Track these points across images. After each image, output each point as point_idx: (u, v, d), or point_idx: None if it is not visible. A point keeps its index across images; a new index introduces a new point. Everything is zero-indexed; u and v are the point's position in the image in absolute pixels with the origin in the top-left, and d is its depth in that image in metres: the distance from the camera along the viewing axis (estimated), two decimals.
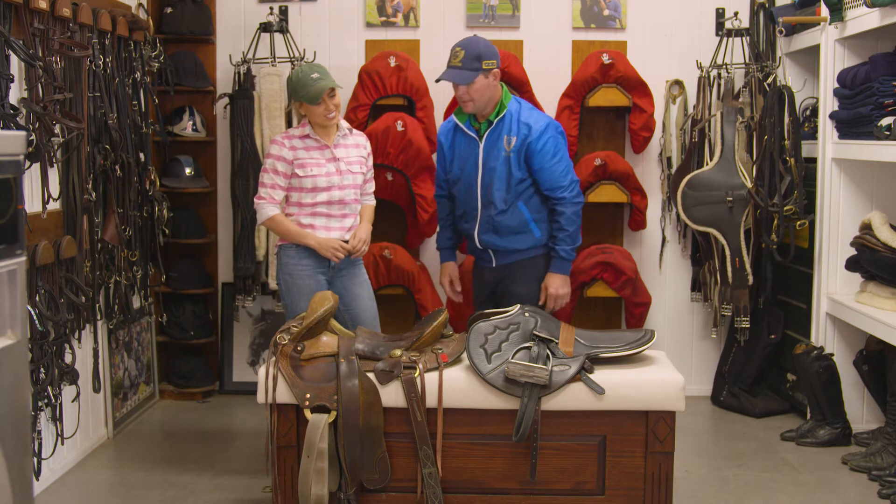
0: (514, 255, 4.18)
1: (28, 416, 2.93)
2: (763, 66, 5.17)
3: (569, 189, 4.09)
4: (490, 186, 4.10)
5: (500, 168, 4.08)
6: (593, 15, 5.55)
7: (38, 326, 3.74)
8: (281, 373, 3.41)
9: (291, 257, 4.08)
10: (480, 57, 4.00)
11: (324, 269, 4.10)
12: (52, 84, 3.88)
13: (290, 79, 4.08)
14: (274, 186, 4.05)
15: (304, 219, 4.07)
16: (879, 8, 4.26)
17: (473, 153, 4.15)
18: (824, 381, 4.68)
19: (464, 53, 4.02)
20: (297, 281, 4.07)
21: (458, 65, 4.02)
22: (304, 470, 3.33)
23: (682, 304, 5.67)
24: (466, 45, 4.05)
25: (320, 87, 3.97)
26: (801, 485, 4.24)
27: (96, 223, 4.41)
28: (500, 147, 4.08)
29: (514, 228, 4.14)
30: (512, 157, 4.06)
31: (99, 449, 4.68)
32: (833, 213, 4.89)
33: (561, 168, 4.09)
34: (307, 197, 4.05)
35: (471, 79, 4.00)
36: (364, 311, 4.19)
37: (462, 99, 4.08)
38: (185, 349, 5.63)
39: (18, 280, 2.84)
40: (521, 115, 4.10)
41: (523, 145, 4.06)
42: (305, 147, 4.06)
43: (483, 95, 4.04)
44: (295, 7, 5.57)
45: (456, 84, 4.06)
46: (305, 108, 4.05)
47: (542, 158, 4.06)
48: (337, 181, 4.06)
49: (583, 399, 3.39)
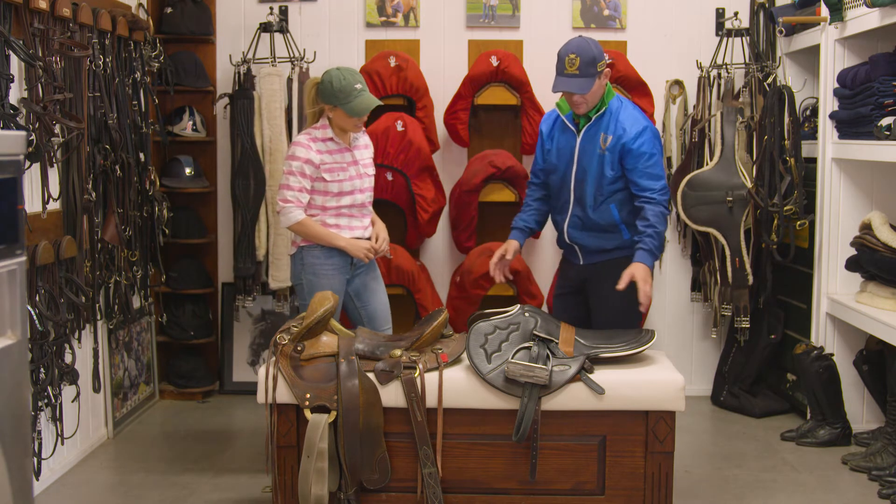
0: (600, 254, 4.07)
1: (28, 416, 2.93)
2: (763, 66, 5.17)
3: (659, 192, 3.95)
4: (583, 182, 4.01)
5: (594, 165, 3.98)
6: (593, 15, 5.55)
7: (38, 326, 3.74)
8: (281, 373, 3.41)
9: (317, 257, 4.08)
10: (595, 60, 3.84)
11: (347, 268, 4.14)
12: (52, 84, 3.88)
13: (327, 81, 3.97)
14: (301, 190, 4.01)
15: (328, 220, 4.09)
16: (879, 8, 4.26)
17: (570, 146, 4.05)
18: (824, 381, 4.68)
19: (580, 60, 3.83)
20: (322, 280, 4.08)
21: (575, 72, 3.84)
22: (304, 470, 3.33)
23: (682, 304, 5.67)
24: (580, 50, 3.85)
25: (367, 102, 3.96)
26: (800, 485, 4.24)
27: (96, 223, 4.41)
28: (597, 144, 3.97)
29: (603, 227, 4.03)
30: (606, 155, 3.95)
31: (99, 449, 4.68)
32: (833, 213, 4.88)
33: (653, 171, 3.96)
34: (332, 201, 4.06)
35: (590, 87, 3.86)
36: (380, 305, 4.25)
37: (575, 102, 3.93)
38: (185, 349, 5.63)
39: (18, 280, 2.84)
40: (619, 114, 3.98)
41: (618, 145, 3.94)
42: (329, 150, 4.06)
43: (596, 97, 3.93)
44: (295, 7, 5.57)
45: (568, 91, 3.90)
46: (338, 114, 4.00)
47: (635, 159, 3.93)
48: (358, 185, 4.11)
49: (583, 399, 3.39)
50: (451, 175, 5.54)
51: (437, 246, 5.69)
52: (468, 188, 5.23)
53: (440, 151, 5.50)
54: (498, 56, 5.25)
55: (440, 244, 5.68)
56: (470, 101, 5.30)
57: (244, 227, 5.24)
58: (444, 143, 5.50)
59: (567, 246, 4.16)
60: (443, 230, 5.61)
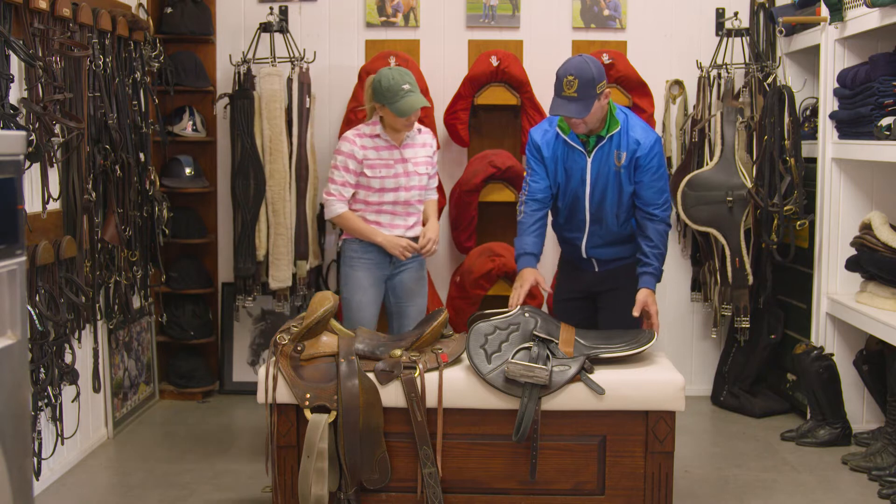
0: (618, 261, 4.05)
1: (28, 416, 2.93)
2: (763, 66, 5.17)
3: (662, 207, 3.92)
4: (602, 203, 3.92)
5: (612, 184, 3.89)
6: (593, 15, 5.55)
7: (38, 326, 3.74)
8: (281, 373, 3.41)
9: (356, 251, 4.18)
10: (594, 82, 3.68)
11: (385, 265, 4.19)
12: (52, 84, 3.88)
13: (377, 81, 4.02)
14: (344, 184, 4.12)
15: (369, 216, 4.15)
16: (879, 8, 4.26)
17: (579, 167, 3.92)
18: (824, 381, 4.68)
19: (578, 82, 3.67)
20: (357, 272, 4.16)
21: (573, 95, 3.69)
22: (304, 470, 3.33)
23: (682, 304, 5.67)
24: (578, 71, 3.69)
25: (413, 103, 3.99)
26: (800, 485, 4.24)
27: (96, 223, 4.41)
28: (611, 163, 3.88)
29: (624, 238, 4.01)
30: (623, 172, 3.89)
31: (99, 449, 4.68)
32: (833, 213, 4.88)
33: (660, 185, 3.93)
34: (374, 196, 4.13)
35: (588, 110, 3.71)
36: (416, 309, 4.29)
37: (573, 123, 3.80)
38: (185, 349, 5.63)
39: (18, 280, 2.84)
40: (629, 129, 3.90)
41: (633, 159, 3.88)
42: (375, 147, 4.11)
43: (596, 118, 3.81)
44: (295, 7, 5.57)
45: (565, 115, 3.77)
46: (387, 113, 4.05)
47: (644, 172, 3.89)
48: (404, 182, 4.14)
49: (583, 399, 3.39)
50: (451, 175, 5.54)
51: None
52: (468, 188, 5.23)
53: (440, 151, 5.43)
54: (498, 56, 5.25)
55: (440, 244, 5.65)
56: (470, 101, 5.30)
57: (244, 227, 5.23)
58: (444, 143, 5.50)
59: (582, 259, 4.09)
60: (443, 230, 5.59)
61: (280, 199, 5.17)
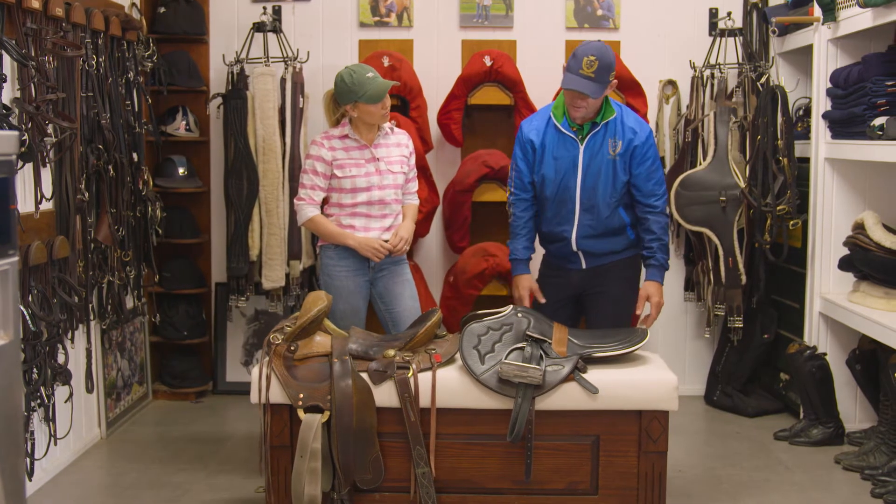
0: (606, 256, 4.04)
1: (21, 417, 2.93)
2: (756, 66, 5.18)
3: (661, 198, 3.97)
4: (594, 190, 3.93)
5: (606, 172, 3.91)
6: (586, 15, 5.55)
7: (31, 327, 3.72)
8: (274, 373, 3.41)
9: (331, 258, 4.10)
10: (611, 68, 3.76)
11: (364, 270, 4.11)
12: (45, 84, 3.87)
13: (339, 82, 3.99)
14: (314, 187, 4.06)
15: (344, 219, 4.08)
16: (872, 8, 4.27)
17: (571, 155, 3.94)
18: (817, 380, 4.69)
19: (598, 64, 3.73)
20: (336, 282, 4.09)
21: (591, 76, 3.73)
22: (297, 470, 3.33)
23: (676, 304, 5.67)
24: (600, 54, 3.75)
25: (382, 85, 3.97)
26: (794, 484, 4.24)
27: (89, 223, 4.40)
28: (605, 151, 3.90)
29: (614, 230, 4.00)
30: (618, 160, 3.91)
31: (92, 449, 4.67)
32: (826, 213, 4.89)
33: (658, 175, 3.97)
34: (347, 198, 4.06)
35: (601, 93, 3.78)
36: (405, 310, 4.18)
37: (576, 105, 3.83)
38: (179, 349, 5.62)
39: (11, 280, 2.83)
40: (624, 119, 3.94)
41: (629, 149, 3.91)
42: (345, 147, 4.07)
43: (597, 105, 3.87)
44: (288, 7, 5.56)
45: (579, 91, 3.77)
46: (360, 109, 4.00)
47: (644, 164, 3.93)
48: (377, 181, 4.07)
49: (576, 399, 3.39)
50: (444, 175, 5.54)
51: (430, 246, 5.69)
52: (462, 188, 5.23)
53: (434, 151, 5.50)
54: (491, 56, 5.25)
55: (434, 244, 5.68)
56: (463, 101, 5.30)
57: (237, 227, 5.23)
58: (437, 143, 5.50)
59: (567, 254, 4.07)
60: (436, 230, 5.60)
61: (273, 199, 5.17)
